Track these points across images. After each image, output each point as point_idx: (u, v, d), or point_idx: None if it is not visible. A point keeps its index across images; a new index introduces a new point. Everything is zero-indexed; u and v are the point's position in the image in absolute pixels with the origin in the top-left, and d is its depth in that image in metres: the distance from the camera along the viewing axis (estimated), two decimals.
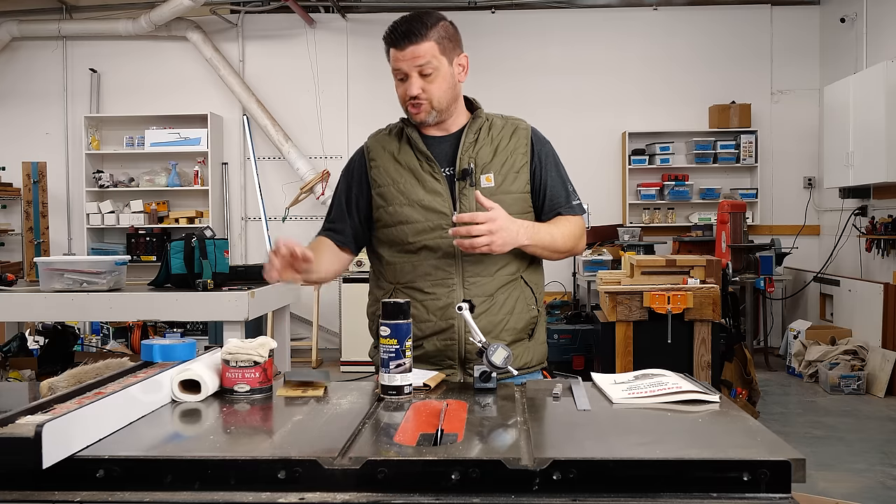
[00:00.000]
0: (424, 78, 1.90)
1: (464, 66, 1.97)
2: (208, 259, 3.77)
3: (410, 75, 1.89)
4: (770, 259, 6.43)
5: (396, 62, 1.90)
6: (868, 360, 5.86)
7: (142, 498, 1.17)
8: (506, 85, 7.53)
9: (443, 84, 1.92)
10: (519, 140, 2.01)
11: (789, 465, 1.16)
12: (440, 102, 1.93)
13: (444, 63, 1.91)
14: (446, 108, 1.95)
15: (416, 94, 1.90)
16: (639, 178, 7.76)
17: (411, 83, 1.90)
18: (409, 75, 1.90)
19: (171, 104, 7.86)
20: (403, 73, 1.90)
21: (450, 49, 1.92)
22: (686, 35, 7.76)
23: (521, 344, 1.99)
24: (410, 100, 1.92)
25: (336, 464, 1.18)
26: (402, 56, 1.88)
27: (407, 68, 1.89)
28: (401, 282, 1.98)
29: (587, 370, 5.03)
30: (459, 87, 1.98)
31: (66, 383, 1.57)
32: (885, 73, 5.86)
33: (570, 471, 1.16)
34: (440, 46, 1.90)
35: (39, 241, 7.23)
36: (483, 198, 1.82)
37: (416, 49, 1.87)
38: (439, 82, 1.91)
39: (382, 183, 1.99)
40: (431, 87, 1.90)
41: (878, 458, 4.25)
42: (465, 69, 1.97)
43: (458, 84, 1.97)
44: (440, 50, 1.90)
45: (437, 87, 1.91)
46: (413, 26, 1.88)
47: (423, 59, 1.87)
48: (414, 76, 1.89)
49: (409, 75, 1.90)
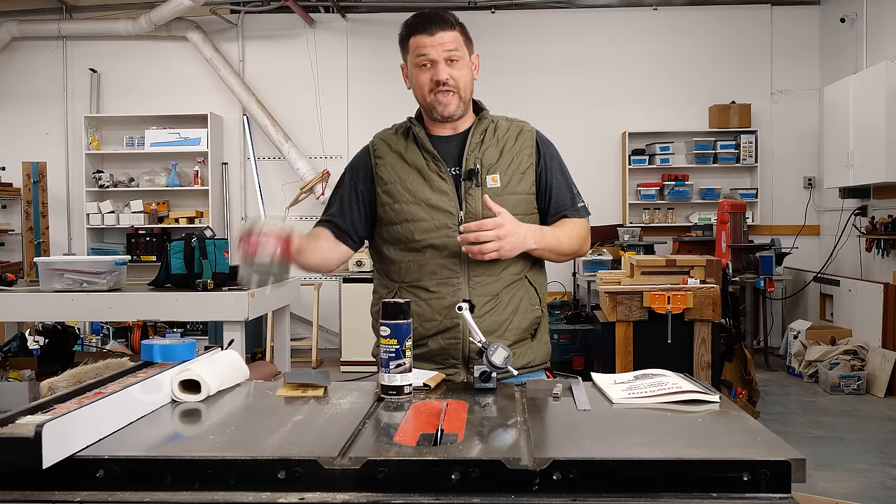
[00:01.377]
0: (451, 64, 1.91)
1: (476, 64, 2.00)
2: (208, 259, 3.77)
3: (438, 62, 1.90)
4: (770, 259, 6.43)
5: (423, 48, 1.91)
6: (868, 360, 5.86)
7: (142, 498, 1.17)
8: (506, 85, 7.53)
9: (467, 74, 1.95)
10: (524, 142, 2.02)
11: (789, 465, 1.16)
12: (465, 92, 1.95)
13: (466, 54, 1.95)
14: (467, 102, 1.98)
15: (445, 79, 1.91)
16: (639, 177, 7.76)
17: (440, 68, 1.91)
18: (436, 62, 1.91)
19: (171, 104, 7.86)
20: (430, 59, 1.91)
21: (468, 44, 1.97)
22: (686, 35, 7.76)
23: (524, 343, 2.00)
24: (439, 87, 1.91)
25: (336, 464, 1.18)
26: (431, 42, 1.89)
27: (436, 54, 1.90)
28: (406, 280, 1.98)
29: (587, 370, 5.02)
30: (474, 83, 2.00)
31: (66, 383, 1.57)
32: (885, 73, 5.86)
33: (570, 471, 1.16)
34: (464, 38, 1.95)
35: (39, 241, 7.23)
36: (491, 202, 1.83)
37: (446, 34, 1.90)
38: (465, 71, 1.94)
39: (389, 180, 1.99)
40: (458, 73, 1.92)
41: (878, 458, 4.25)
42: (477, 68, 2.01)
43: (474, 80, 2.00)
44: (464, 41, 1.95)
45: (463, 75, 1.94)
46: (441, 14, 1.93)
47: (452, 45, 1.91)
48: (442, 63, 1.90)
49: (436, 62, 1.91)
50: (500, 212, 1.82)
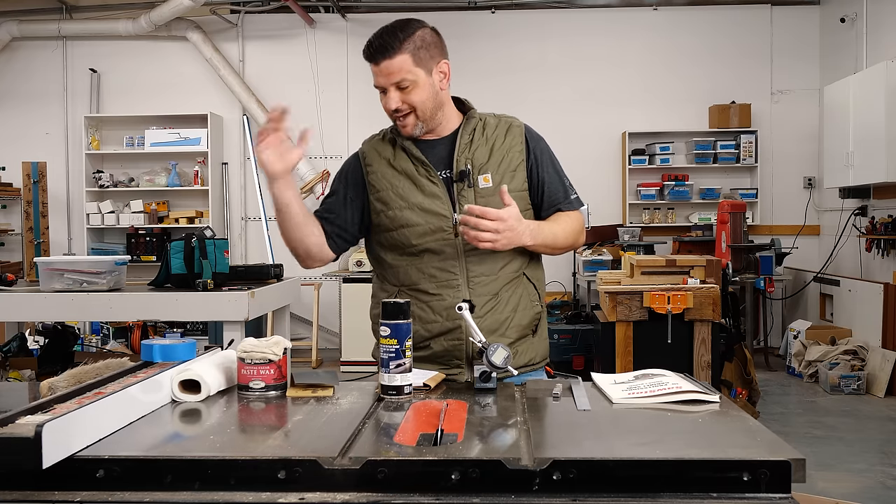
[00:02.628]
0: (402, 91, 1.89)
1: (445, 73, 1.95)
2: (208, 259, 3.76)
3: (388, 89, 1.90)
4: (770, 259, 6.43)
5: (375, 76, 1.91)
6: (868, 360, 5.86)
7: (142, 498, 1.17)
8: (505, 84, 7.53)
9: (422, 94, 1.90)
10: (514, 138, 2.01)
11: (789, 465, 1.16)
12: (423, 112, 1.92)
13: (420, 74, 1.89)
14: (431, 117, 1.95)
15: (397, 108, 1.90)
16: (639, 178, 7.75)
17: (390, 97, 1.90)
18: (387, 89, 1.90)
19: (171, 104, 7.86)
20: (381, 87, 1.91)
21: (426, 59, 1.90)
22: (686, 34, 7.76)
23: (525, 340, 2.00)
24: (394, 113, 1.93)
25: (336, 464, 1.18)
26: (377, 71, 1.89)
27: (384, 83, 1.90)
28: (405, 284, 1.98)
29: (587, 370, 5.02)
30: (443, 94, 1.96)
31: (66, 383, 1.57)
32: (885, 73, 5.86)
33: (570, 471, 1.16)
34: (414, 58, 1.88)
35: (39, 241, 7.23)
36: (506, 195, 1.82)
37: (390, 64, 1.87)
38: (418, 93, 1.90)
39: (381, 187, 1.99)
40: (411, 97, 1.90)
41: (878, 458, 4.25)
42: (446, 76, 1.96)
43: (441, 91, 1.95)
44: (414, 62, 1.88)
45: (416, 98, 1.90)
46: (386, 40, 1.87)
47: (397, 76, 1.88)
48: (391, 90, 1.90)
49: (387, 89, 1.90)
50: (510, 205, 1.82)
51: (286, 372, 1.70)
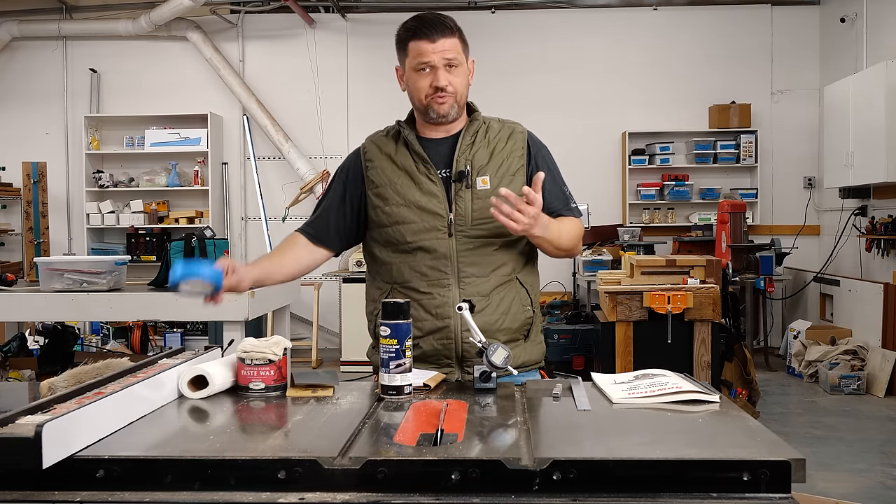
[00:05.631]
0: (450, 71, 1.93)
1: (471, 69, 2.01)
2: (208, 259, 3.76)
3: (438, 67, 1.92)
4: (770, 259, 6.43)
5: (424, 55, 1.91)
6: (868, 360, 5.86)
7: (142, 498, 1.17)
8: (505, 85, 7.52)
9: (463, 79, 1.96)
10: (515, 143, 2.02)
11: (789, 465, 1.16)
12: (461, 97, 1.97)
13: (464, 60, 1.96)
14: (462, 105, 1.99)
15: (445, 86, 1.92)
16: (639, 178, 7.75)
17: (439, 75, 1.92)
18: (436, 67, 1.92)
19: (171, 104, 7.86)
20: (431, 65, 1.92)
21: (467, 50, 1.98)
22: (686, 35, 7.76)
23: (516, 344, 1.99)
24: (437, 92, 1.93)
25: (336, 464, 1.18)
26: (432, 48, 1.90)
27: (437, 60, 1.91)
28: (397, 281, 1.99)
29: (587, 370, 5.02)
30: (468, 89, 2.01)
31: (66, 383, 1.57)
32: (885, 73, 5.86)
33: (570, 471, 1.16)
34: (462, 43, 1.96)
35: (39, 241, 7.23)
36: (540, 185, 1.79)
37: (447, 41, 1.91)
38: (462, 77, 1.95)
39: (380, 183, 2.00)
40: (456, 80, 1.94)
41: (878, 458, 4.25)
42: (472, 73, 2.02)
43: (469, 84, 2.01)
44: (462, 48, 1.96)
45: (459, 80, 1.95)
46: (442, 20, 1.93)
47: (451, 53, 1.92)
48: (442, 68, 1.92)
49: (436, 67, 1.92)
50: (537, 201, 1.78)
51: (286, 372, 1.70)
